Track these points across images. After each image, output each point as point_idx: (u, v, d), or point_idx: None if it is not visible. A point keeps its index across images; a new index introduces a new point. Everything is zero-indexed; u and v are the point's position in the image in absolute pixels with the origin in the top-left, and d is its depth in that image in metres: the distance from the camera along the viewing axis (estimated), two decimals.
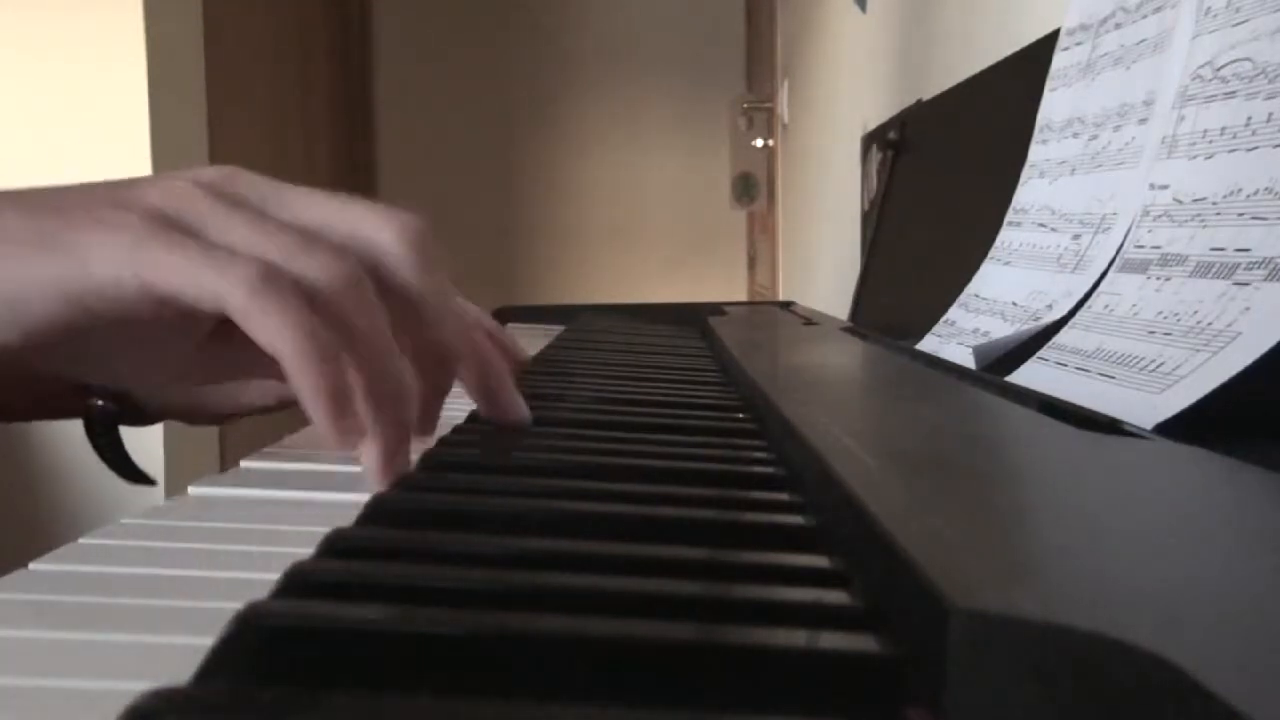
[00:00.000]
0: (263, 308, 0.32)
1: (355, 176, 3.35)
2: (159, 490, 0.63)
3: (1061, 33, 0.64)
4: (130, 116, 1.68)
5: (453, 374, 0.40)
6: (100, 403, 0.49)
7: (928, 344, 0.67)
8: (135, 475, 0.50)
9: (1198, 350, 0.39)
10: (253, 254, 0.34)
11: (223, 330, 0.38)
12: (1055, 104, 0.63)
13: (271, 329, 0.32)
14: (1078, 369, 0.47)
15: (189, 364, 0.40)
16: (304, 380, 0.32)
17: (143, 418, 0.53)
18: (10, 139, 1.67)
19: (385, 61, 3.51)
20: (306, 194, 0.37)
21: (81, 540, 0.29)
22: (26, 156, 1.67)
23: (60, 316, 0.34)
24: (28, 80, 1.67)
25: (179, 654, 0.20)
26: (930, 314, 0.70)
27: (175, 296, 0.33)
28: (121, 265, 0.33)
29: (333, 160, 3.17)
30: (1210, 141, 0.44)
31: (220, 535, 0.30)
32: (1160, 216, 0.47)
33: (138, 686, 0.17)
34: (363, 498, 0.31)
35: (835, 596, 0.24)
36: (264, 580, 0.23)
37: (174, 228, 0.34)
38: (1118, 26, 0.58)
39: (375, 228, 0.37)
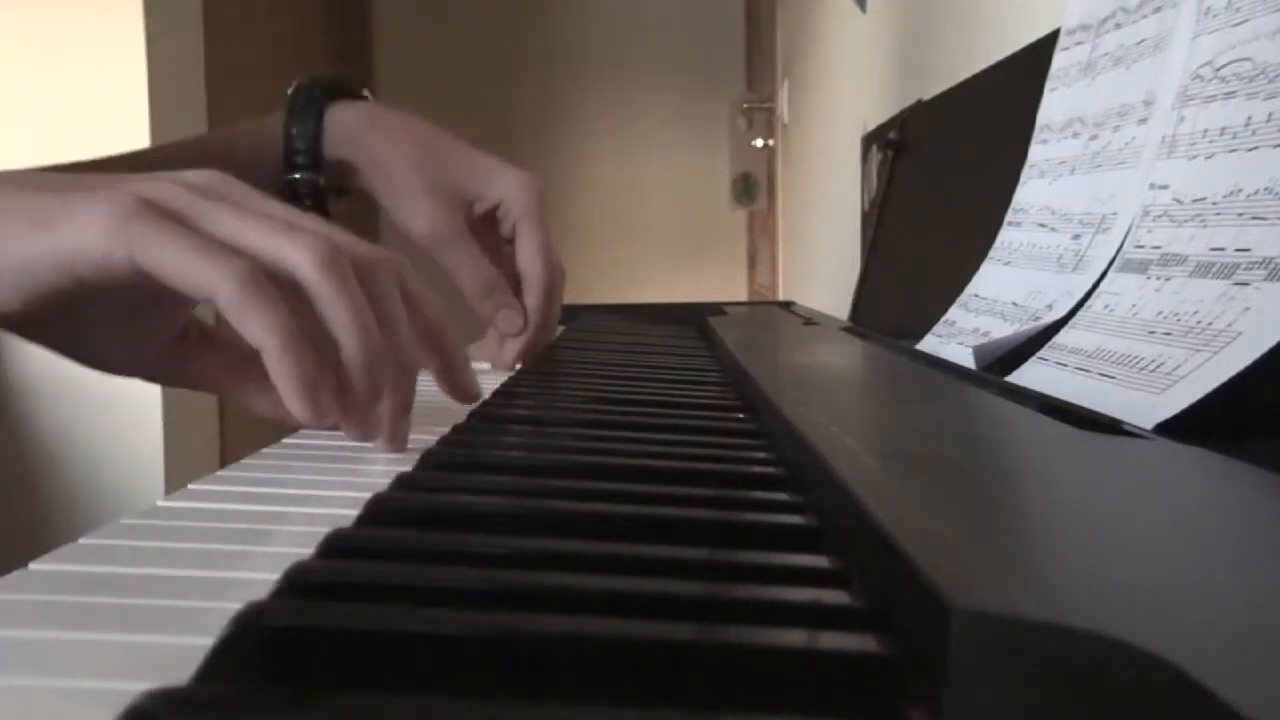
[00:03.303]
0: (250, 304, 0.35)
1: None
2: (159, 490, 0.64)
3: (1061, 33, 0.64)
4: (130, 116, 1.68)
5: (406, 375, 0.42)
6: None
7: (928, 344, 0.67)
8: None
9: (1198, 350, 0.39)
10: (239, 245, 0.37)
11: (181, 348, 0.45)
12: (1055, 104, 0.63)
13: (257, 325, 0.36)
14: (1078, 369, 0.47)
15: (150, 362, 0.46)
16: (281, 370, 0.36)
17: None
18: (10, 139, 1.67)
19: (385, 62, 3.51)
20: (278, 203, 0.41)
21: (81, 540, 0.29)
22: (26, 156, 1.67)
23: (56, 284, 0.37)
24: (28, 79, 1.67)
25: (179, 654, 0.20)
26: (930, 314, 0.70)
27: (164, 277, 0.36)
28: (114, 238, 0.36)
29: None
30: (1210, 141, 0.44)
31: (220, 535, 0.30)
32: (1160, 216, 0.47)
33: (138, 686, 0.17)
34: (363, 497, 0.31)
35: (835, 596, 0.24)
36: (264, 580, 0.23)
37: (164, 212, 0.37)
38: (1118, 26, 0.58)
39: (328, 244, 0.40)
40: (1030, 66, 0.68)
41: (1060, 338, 0.50)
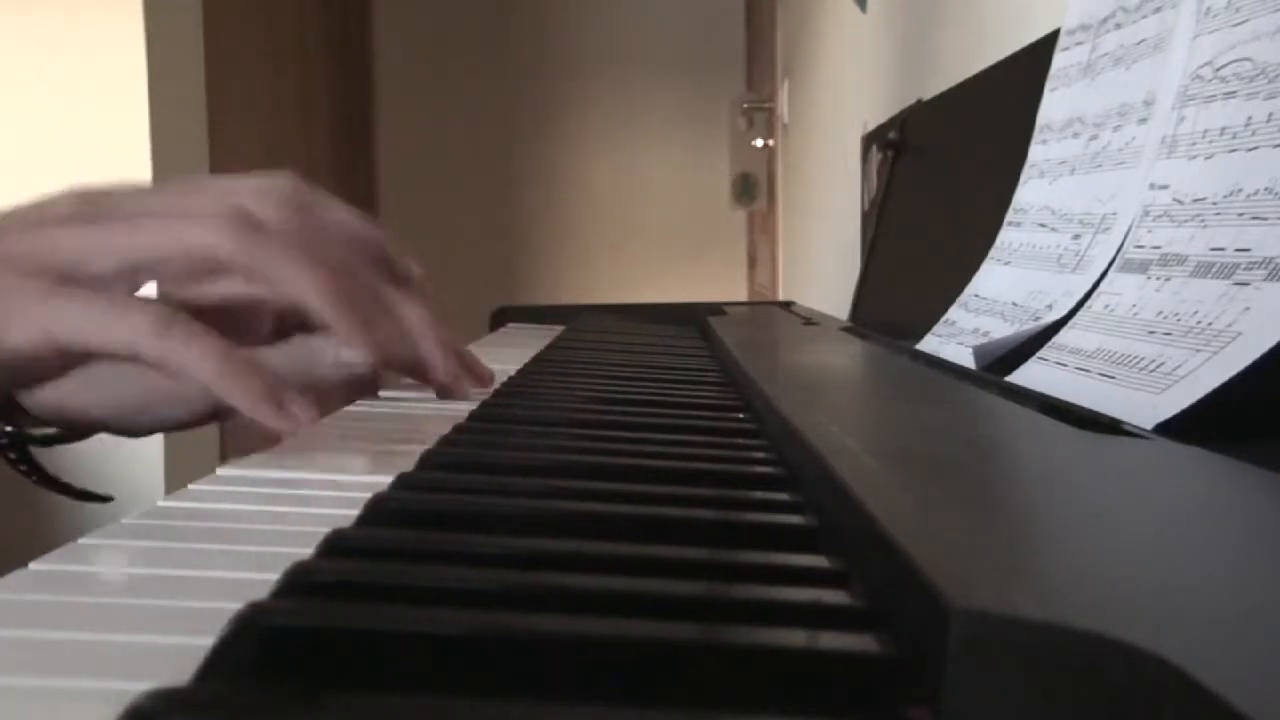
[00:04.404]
0: (172, 349, 0.35)
1: (355, 176, 3.35)
2: (159, 490, 0.64)
3: (1061, 33, 0.64)
4: (130, 117, 1.68)
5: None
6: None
7: (928, 344, 0.67)
8: (80, 494, 0.52)
9: (1198, 350, 0.39)
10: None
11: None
12: (1055, 104, 0.63)
13: (188, 365, 0.35)
14: (1078, 369, 0.47)
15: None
16: (236, 392, 0.35)
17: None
18: (10, 139, 1.67)
19: (385, 61, 3.50)
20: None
21: (81, 540, 0.29)
22: (27, 156, 1.67)
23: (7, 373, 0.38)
24: (28, 79, 1.67)
25: (179, 654, 0.20)
26: (930, 314, 0.70)
27: (84, 348, 0.36)
28: (32, 328, 0.36)
29: (333, 160, 3.17)
30: (1210, 141, 0.44)
31: (220, 535, 0.30)
32: (1160, 216, 0.47)
33: (138, 686, 0.17)
34: (363, 497, 0.31)
35: (835, 596, 0.24)
36: (264, 580, 0.23)
37: (65, 278, 0.37)
38: (1118, 26, 0.58)
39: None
40: (1030, 66, 0.68)
41: (1060, 338, 0.50)
